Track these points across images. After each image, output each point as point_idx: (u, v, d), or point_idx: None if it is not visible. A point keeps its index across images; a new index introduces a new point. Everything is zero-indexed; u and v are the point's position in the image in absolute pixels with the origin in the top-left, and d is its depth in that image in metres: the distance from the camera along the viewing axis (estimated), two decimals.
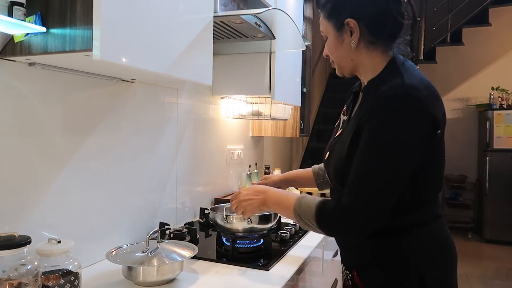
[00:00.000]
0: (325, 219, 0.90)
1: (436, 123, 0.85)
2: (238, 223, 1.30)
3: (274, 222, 1.37)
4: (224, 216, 1.31)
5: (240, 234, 1.32)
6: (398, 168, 0.84)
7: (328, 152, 1.02)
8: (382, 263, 0.94)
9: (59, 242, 0.90)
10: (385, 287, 0.94)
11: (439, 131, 0.87)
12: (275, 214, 1.35)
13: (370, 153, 0.85)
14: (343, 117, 1.05)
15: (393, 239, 0.92)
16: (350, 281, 1.04)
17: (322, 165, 1.31)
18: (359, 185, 0.85)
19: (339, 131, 1.01)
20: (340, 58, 0.98)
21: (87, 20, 0.80)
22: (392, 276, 0.93)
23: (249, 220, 1.27)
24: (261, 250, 1.33)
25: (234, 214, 1.25)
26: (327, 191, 1.26)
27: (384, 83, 0.87)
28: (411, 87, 0.83)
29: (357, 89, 1.03)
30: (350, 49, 0.94)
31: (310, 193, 2.33)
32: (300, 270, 1.25)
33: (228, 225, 1.32)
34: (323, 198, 0.95)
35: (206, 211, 1.75)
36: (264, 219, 1.33)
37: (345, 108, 1.05)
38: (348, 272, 1.04)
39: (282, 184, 1.37)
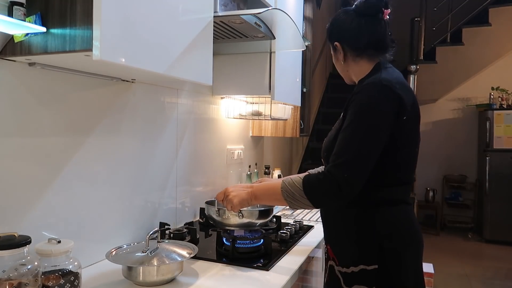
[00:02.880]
0: (312, 186, 1.01)
1: (403, 103, 1.02)
2: (232, 218, 1.29)
3: (271, 217, 1.37)
4: (217, 209, 1.29)
5: (235, 229, 1.32)
6: (373, 133, 1.00)
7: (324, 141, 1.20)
8: (349, 235, 1.10)
9: (59, 242, 0.90)
10: (350, 256, 1.09)
11: (405, 117, 1.03)
12: (272, 209, 1.35)
13: (351, 124, 1.02)
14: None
15: (362, 214, 1.07)
16: (326, 254, 1.20)
17: (317, 169, 1.42)
18: (344, 149, 1.00)
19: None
20: (340, 70, 1.24)
21: (87, 20, 0.80)
22: (357, 248, 1.08)
23: (240, 214, 1.26)
24: (261, 250, 1.32)
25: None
26: None
27: (367, 79, 1.10)
28: (385, 79, 1.05)
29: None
30: (340, 65, 1.21)
31: None
32: (300, 270, 1.25)
33: (221, 220, 1.30)
34: (306, 174, 1.07)
35: (204, 206, 1.75)
36: (262, 214, 1.32)
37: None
38: (324, 246, 1.22)
39: None
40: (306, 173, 1.14)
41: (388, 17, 1.13)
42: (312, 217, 1.91)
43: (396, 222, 1.07)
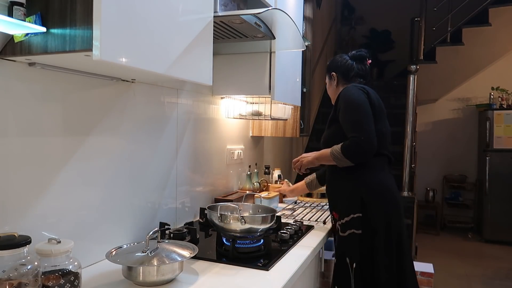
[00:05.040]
0: (347, 151, 1.50)
1: (367, 93, 1.57)
2: (233, 223, 1.30)
3: (271, 223, 1.37)
4: (219, 215, 1.31)
5: (238, 235, 1.32)
6: (361, 111, 1.51)
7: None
8: (343, 195, 1.58)
9: (59, 242, 0.90)
10: (344, 210, 1.56)
11: (371, 105, 1.54)
12: (272, 216, 1.36)
13: (346, 113, 1.54)
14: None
15: (350, 177, 1.56)
16: (333, 221, 1.67)
17: (310, 176, 2.00)
18: (351, 127, 1.50)
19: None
20: (331, 93, 1.80)
21: (87, 20, 0.80)
22: (348, 202, 1.56)
23: (243, 220, 1.28)
24: (261, 250, 1.32)
25: (229, 213, 1.35)
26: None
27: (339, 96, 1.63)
28: (351, 85, 1.64)
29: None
30: (333, 88, 1.77)
31: (310, 193, 2.33)
32: (300, 270, 1.25)
33: (223, 225, 1.31)
34: (342, 143, 1.52)
35: (206, 211, 1.75)
36: (263, 220, 1.32)
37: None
38: (331, 216, 1.68)
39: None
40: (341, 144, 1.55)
41: (369, 64, 1.75)
42: (312, 217, 1.91)
43: (371, 182, 1.54)
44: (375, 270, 1.50)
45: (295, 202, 2.30)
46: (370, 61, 1.76)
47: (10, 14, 0.84)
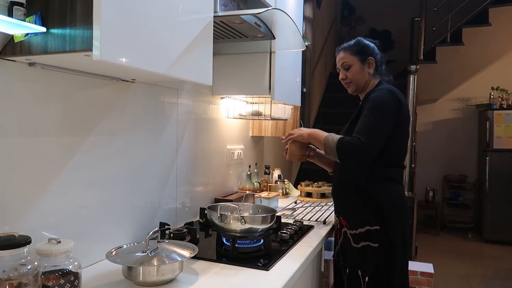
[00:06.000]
0: (342, 146, 1.40)
1: (401, 104, 1.46)
2: (233, 223, 1.30)
3: (271, 223, 1.37)
4: (219, 215, 1.31)
5: (238, 235, 1.32)
6: (383, 121, 1.42)
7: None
8: (358, 205, 1.49)
9: (59, 242, 0.90)
10: (358, 220, 1.49)
11: (401, 115, 1.45)
12: (272, 216, 1.36)
13: (368, 114, 1.43)
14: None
15: (368, 188, 1.48)
16: (338, 225, 1.60)
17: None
18: (363, 129, 1.40)
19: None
20: (359, 79, 1.57)
21: (87, 20, 0.80)
22: (364, 212, 1.48)
23: (243, 220, 1.28)
24: (261, 250, 1.32)
25: (229, 213, 1.35)
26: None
27: (375, 88, 1.54)
28: (390, 87, 1.51)
29: (360, 102, 1.59)
30: (366, 75, 1.57)
31: (310, 193, 2.33)
32: (300, 270, 1.25)
33: (223, 225, 1.31)
34: (342, 135, 1.45)
35: (206, 211, 1.75)
36: (264, 220, 1.33)
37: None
38: (337, 218, 1.62)
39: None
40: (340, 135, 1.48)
41: None
42: (312, 217, 1.91)
43: (391, 195, 1.49)
44: (390, 283, 1.45)
45: (295, 202, 2.30)
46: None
47: (10, 14, 0.84)
